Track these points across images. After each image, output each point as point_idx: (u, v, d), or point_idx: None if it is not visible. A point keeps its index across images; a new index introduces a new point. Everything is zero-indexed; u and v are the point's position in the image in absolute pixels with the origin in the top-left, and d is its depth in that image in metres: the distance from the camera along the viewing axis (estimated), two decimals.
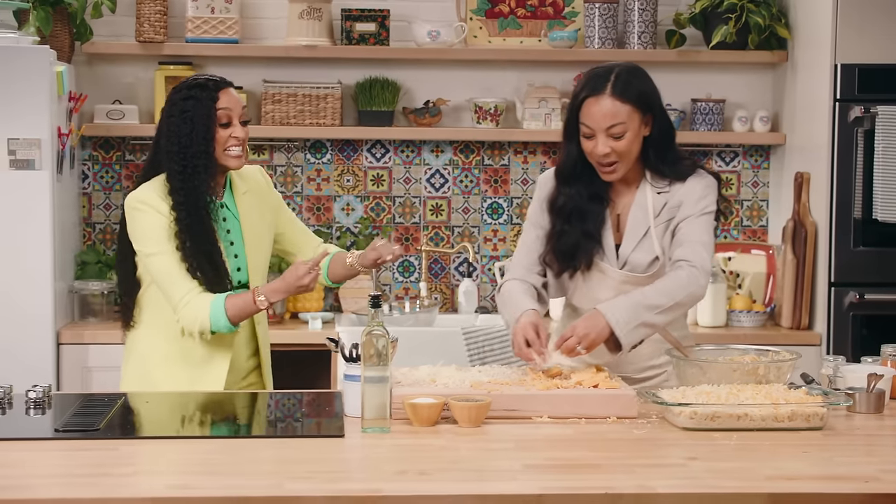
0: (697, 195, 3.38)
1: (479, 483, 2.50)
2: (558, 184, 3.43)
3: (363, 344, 2.93)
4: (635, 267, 3.38)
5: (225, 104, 3.45)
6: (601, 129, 3.29)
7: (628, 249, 3.39)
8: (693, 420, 2.94)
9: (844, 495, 2.45)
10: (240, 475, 2.54)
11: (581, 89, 3.34)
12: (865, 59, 4.66)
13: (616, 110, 3.28)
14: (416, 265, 5.27)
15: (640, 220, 3.39)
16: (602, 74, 3.33)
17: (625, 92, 3.30)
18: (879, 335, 4.58)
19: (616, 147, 3.30)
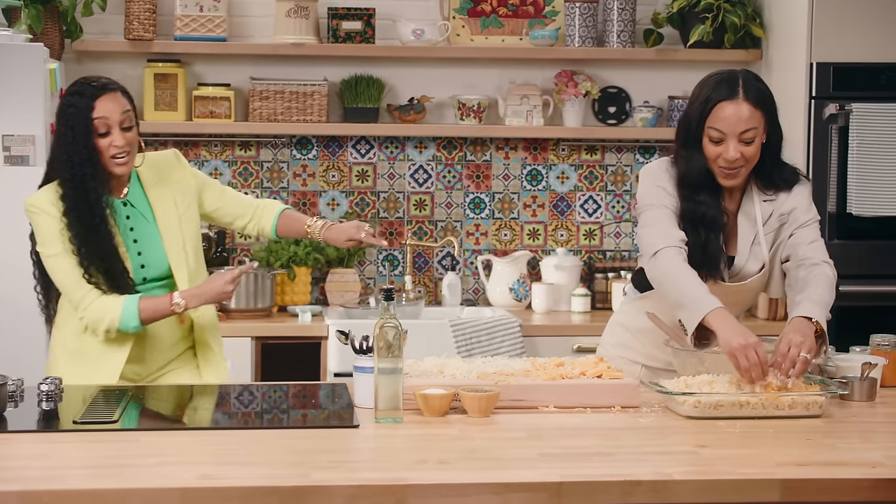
0: (807, 202, 3.39)
1: (499, 471, 2.52)
2: (685, 192, 3.32)
3: (376, 336, 2.94)
4: (745, 276, 3.36)
5: (100, 113, 3.34)
6: (734, 134, 3.23)
7: (742, 260, 3.35)
8: (697, 409, 2.97)
9: (854, 480, 2.49)
10: (266, 465, 2.55)
11: (710, 94, 3.26)
12: (840, 57, 4.71)
13: (751, 115, 3.23)
14: (401, 259, 5.27)
15: (749, 228, 3.36)
16: (729, 79, 3.27)
17: (758, 97, 3.26)
18: (855, 326, 4.65)
19: (745, 152, 3.25)
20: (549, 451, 2.68)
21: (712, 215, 3.31)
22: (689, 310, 3.15)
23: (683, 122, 3.33)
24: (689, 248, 3.28)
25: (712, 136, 3.25)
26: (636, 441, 2.79)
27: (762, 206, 3.37)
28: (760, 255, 3.37)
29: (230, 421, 3.06)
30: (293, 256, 5.01)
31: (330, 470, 2.51)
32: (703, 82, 3.33)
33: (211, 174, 5.15)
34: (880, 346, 3.42)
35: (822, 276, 3.29)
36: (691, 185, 3.31)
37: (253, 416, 3.12)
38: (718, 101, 3.24)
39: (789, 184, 3.38)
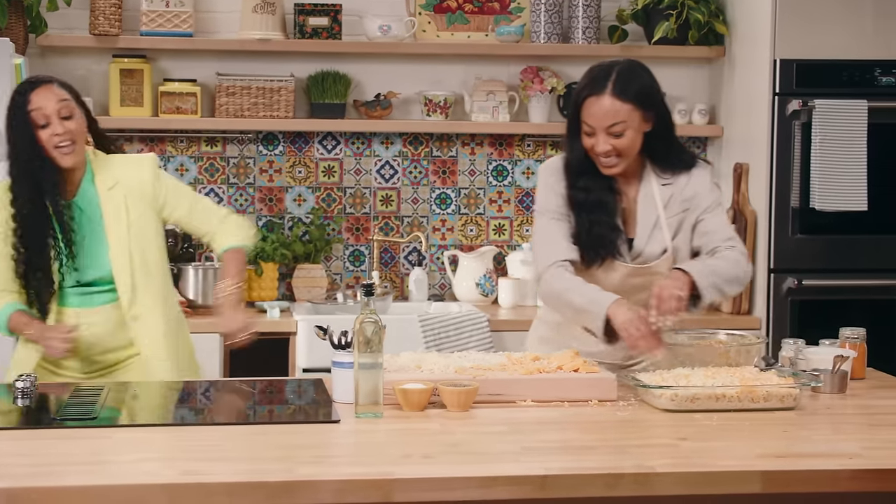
0: (709, 186, 3.44)
1: (483, 465, 2.52)
2: (570, 179, 3.40)
3: (356, 331, 2.94)
4: (647, 258, 3.40)
5: (35, 105, 3.35)
6: (601, 128, 3.28)
7: (642, 242, 3.39)
8: (674, 402, 2.99)
9: (833, 472, 2.52)
10: (250, 460, 2.54)
11: (582, 88, 3.32)
12: (803, 54, 4.76)
13: (616, 109, 3.27)
14: (367, 254, 5.27)
15: (650, 211, 3.40)
16: (603, 73, 3.31)
17: (625, 91, 3.29)
18: (817, 319, 4.72)
19: (616, 144, 3.30)
20: (531, 444, 2.69)
21: (594, 199, 3.37)
22: (589, 312, 3.23)
23: (568, 113, 3.41)
24: (578, 232, 3.36)
25: (584, 129, 3.33)
26: (616, 434, 2.81)
27: (661, 189, 3.41)
28: (662, 239, 3.41)
29: (209, 417, 3.04)
30: (260, 252, 4.99)
31: (315, 465, 2.51)
32: (584, 74, 3.39)
33: (177, 170, 5.13)
34: (849, 339, 3.46)
35: (723, 256, 3.36)
36: (575, 172, 3.39)
37: (234, 412, 3.11)
38: (587, 96, 3.30)
39: (686, 166, 3.43)
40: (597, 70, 3.35)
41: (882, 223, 4.81)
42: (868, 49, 4.76)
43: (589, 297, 3.25)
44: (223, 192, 5.16)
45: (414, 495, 2.41)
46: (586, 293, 3.27)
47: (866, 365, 3.48)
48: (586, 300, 3.25)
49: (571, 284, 3.30)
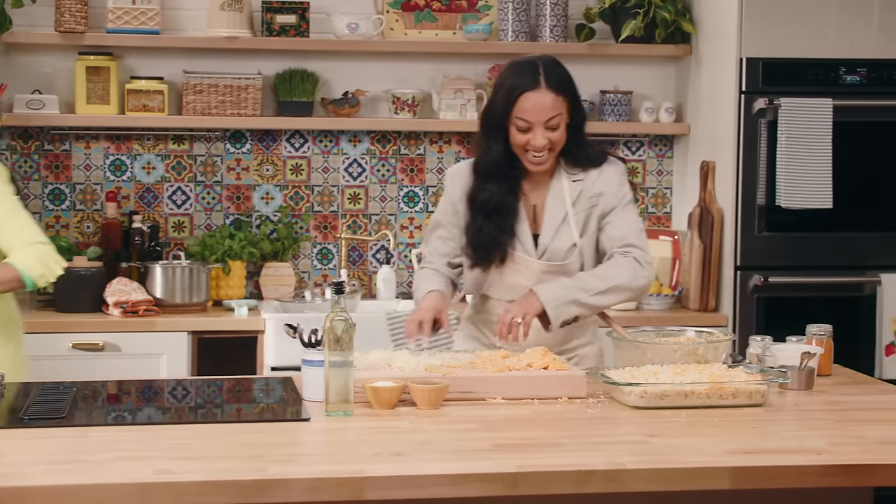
0: (617, 183, 3.46)
1: (455, 463, 2.53)
2: (479, 179, 3.43)
3: (326, 330, 2.94)
4: (554, 255, 3.43)
5: None
6: (540, 122, 3.32)
7: (547, 238, 3.45)
8: (643, 399, 3.01)
9: (801, 467, 2.54)
10: (222, 459, 2.54)
11: (513, 84, 3.34)
12: (769, 53, 4.79)
13: (554, 103, 3.34)
14: (335, 252, 5.26)
15: (558, 208, 3.45)
16: (530, 67, 3.36)
17: (559, 83, 3.36)
18: (783, 316, 4.75)
19: (552, 137, 3.36)
20: (502, 441, 2.70)
21: (497, 202, 3.41)
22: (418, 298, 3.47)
23: (489, 111, 3.41)
24: (478, 233, 3.43)
25: (519, 125, 3.34)
26: (586, 431, 2.82)
27: (571, 186, 3.45)
28: (569, 235, 3.44)
29: (177, 416, 3.03)
30: (228, 251, 4.98)
31: (287, 463, 2.52)
32: (505, 72, 3.41)
33: (143, 168, 5.11)
34: (816, 335, 3.49)
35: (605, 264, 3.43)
36: (487, 174, 3.42)
37: (199, 411, 3.10)
38: (523, 91, 3.32)
39: (596, 162, 3.47)
40: (520, 66, 3.36)
41: (847, 221, 4.85)
42: (833, 48, 4.79)
43: (420, 292, 3.47)
44: (190, 191, 5.15)
45: (385, 493, 2.42)
46: (420, 289, 3.49)
47: (832, 361, 3.52)
48: (419, 294, 3.47)
49: (418, 283, 3.51)
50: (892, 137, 4.87)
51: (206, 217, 5.17)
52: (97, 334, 4.53)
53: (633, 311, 4.97)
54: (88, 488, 2.34)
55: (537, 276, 3.44)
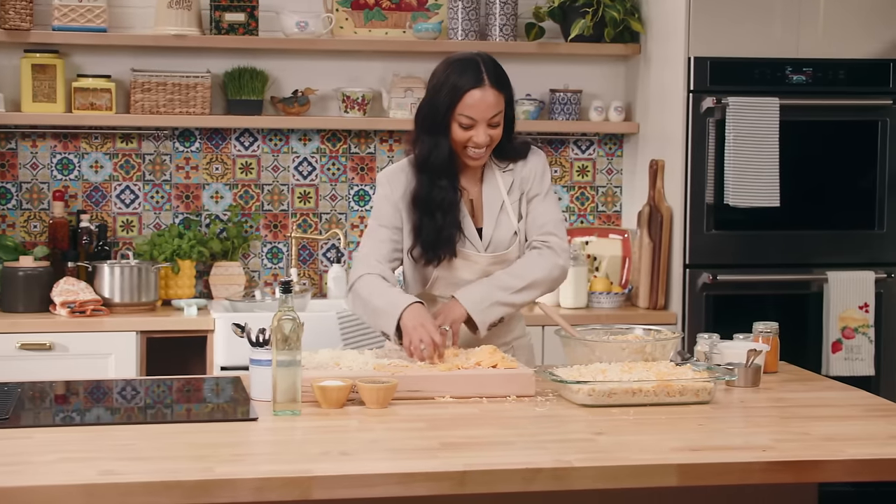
0: (540, 172, 3.53)
1: (402, 462, 2.54)
2: (426, 177, 3.42)
3: (274, 329, 2.93)
4: (498, 245, 3.46)
5: None
6: (484, 120, 3.34)
7: (490, 228, 3.47)
8: (591, 397, 3.03)
9: (746, 464, 2.57)
10: (168, 459, 2.53)
11: (458, 81, 3.34)
12: (716, 52, 4.82)
13: (497, 100, 3.36)
14: (285, 252, 5.25)
15: (494, 197, 3.49)
16: (471, 65, 3.37)
17: (499, 81, 3.39)
18: (731, 314, 4.79)
19: (492, 134, 3.39)
20: (449, 440, 2.71)
21: (449, 199, 3.42)
22: (386, 314, 3.28)
23: (429, 108, 3.41)
24: (423, 232, 3.41)
25: (462, 122, 3.35)
26: (534, 429, 2.83)
27: (503, 176, 3.50)
28: (509, 223, 3.49)
29: (126, 416, 3.02)
30: (177, 250, 4.95)
31: (233, 463, 2.51)
32: (445, 69, 3.42)
33: (91, 167, 5.07)
34: (762, 333, 3.52)
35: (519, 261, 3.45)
36: (433, 171, 3.41)
37: (148, 411, 3.08)
38: (468, 88, 3.34)
39: (522, 154, 3.52)
40: (461, 63, 3.38)
41: (794, 219, 4.90)
42: (779, 47, 4.83)
43: (389, 300, 3.31)
44: (139, 190, 5.12)
45: (332, 492, 2.42)
46: (389, 295, 3.32)
47: (779, 358, 3.55)
48: (386, 302, 3.31)
49: (378, 289, 3.36)
50: (838, 136, 4.92)
51: (155, 216, 5.14)
52: (44, 334, 4.50)
53: (584, 310, 4.99)
54: (33, 490, 2.32)
55: (483, 270, 3.46)
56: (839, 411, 3.05)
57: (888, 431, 2.81)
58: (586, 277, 5.06)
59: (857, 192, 4.96)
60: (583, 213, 5.42)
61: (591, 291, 5.06)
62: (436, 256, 3.44)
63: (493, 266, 3.46)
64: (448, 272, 3.46)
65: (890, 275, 4.95)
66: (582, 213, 5.42)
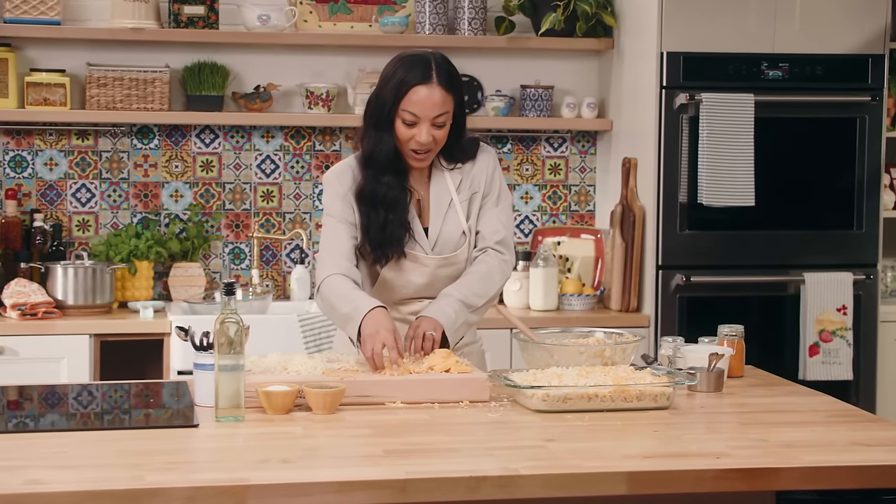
0: (490, 172, 3.50)
1: (343, 469, 2.51)
2: (370, 173, 3.40)
3: (216, 332, 2.91)
4: (445, 244, 3.44)
5: None
6: (427, 118, 3.31)
7: (437, 227, 3.45)
8: (546, 402, 3.00)
9: (698, 471, 2.55)
10: (99, 468, 2.50)
11: (405, 76, 3.32)
12: (690, 47, 4.80)
13: (444, 100, 3.33)
14: (248, 252, 5.23)
15: (442, 196, 3.46)
16: (421, 62, 3.34)
17: (449, 81, 3.35)
18: (705, 316, 4.77)
19: (436, 135, 3.35)
20: (394, 447, 2.69)
21: (394, 196, 3.39)
22: (351, 320, 3.25)
23: (375, 102, 3.39)
24: (369, 229, 3.38)
25: (406, 118, 3.32)
26: (483, 436, 2.81)
27: (451, 174, 3.48)
28: (457, 221, 3.46)
29: (64, 422, 2.99)
30: (134, 250, 4.92)
31: (166, 472, 2.48)
32: (395, 63, 3.39)
33: (46, 165, 5.04)
34: (727, 336, 3.50)
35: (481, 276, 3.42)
36: (378, 167, 3.38)
37: (90, 417, 3.06)
38: (413, 84, 3.31)
39: (470, 154, 3.49)
40: (411, 59, 3.35)
41: (769, 219, 4.88)
42: (755, 42, 4.82)
43: (354, 305, 3.27)
44: (95, 188, 5.09)
45: (268, 501, 2.39)
46: (353, 300, 3.28)
47: (744, 362, 3.54)
48: (351, 307, 3.27)
49: (343, 292, 3.32)
50: (815, 133, 4.91)
51: (113, 216, 5.12)
52: None
53: (554, 312, 4.98)
54: None
55: (432, 273, 3.44)
56: (801, 417, 3.03)
57: (849, 438, 2.80)
58: (557, 279, 5.04)
59: (835, 191, 4.94)
60: (555, 213, 5.40)
61: (561, 293, 5.04)
62: (383, 255, 3.41)
63: (441, 269, 3.44)
64: (396, 273, 3.42)
65: (869, 276, 4.93)
66: (554, 212, 5.40)
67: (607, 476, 2.51)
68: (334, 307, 3.33)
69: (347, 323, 3.28)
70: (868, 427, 2.92)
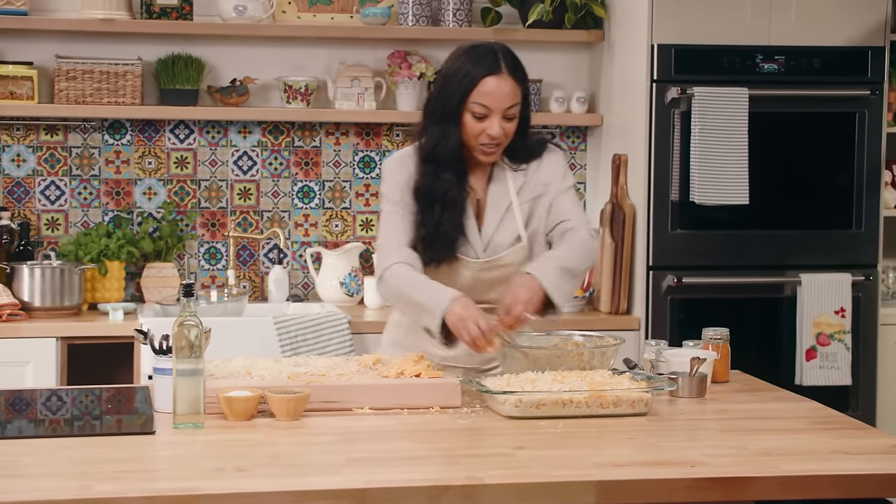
0: (562, 171, 3.49)
1: (300, 478, 2.51)
2: (430, 168, 3.37)
3: (175, 335, 2.90)
4: (497, 249, 3.41)
5: None
6: (499, 110, 3.30)
7: (490, 230, 3.42)
8: (518, 408, 3.00)
9: (671, 481, 2.54)
10: (47, 477, 2.49)
11: (473, 68, 3.30)
12: (681, 39, 4.79)
13: (514, 90, 3.32)
14: (224, 252, 5.22)
15: (501, 198, 3.44)
16: (489, 53, 3.33)
17: (517, 71, 3.35)
18: (697, 318, 4.74)
19: (507, 128, 3.34)
20: (357, 455, 2.68)
21: (453, 195, 3.37)
22: (429, 311, 3.23)
23: (439, 96, 3.37)
24: (427, 228, 3.36)
25: (476, 111, 3.31)
26: (451, 443, 2.81)
27: (514, 175, 3.45)
28: (514, 226, 3.44)
29: (15, 430, 2.98)
30: (104, 250, 4.92)
31: (116, 481, 2.47)
32: (459, 56, 3.38)
33: (13, 161, 5.04)
34: (712, 339, 3.50)
35: (572, 240, 3.40)
36: (439, 163, 3.36)
37: (45, 424, 3.05)
38: (483, 75, 3.30)
39: (537, 154, 3.48)
40: (475, 50, 3.34)
41: (764, 218, 4.87)
42: (749, 34, 4.81)
43: (430, 294, 3.26)
44: (65, 185, 5.08)
45: None
46: (428, 289, 3.27)
47: (730, 367, 3.52)
48: (427, 297, 3.25)
49: (414, 281, 3.30)
50: (812, 129, 4.90)
51: (83, 214, 5.11)
52: None
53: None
54: None
55: (473, 276, 3.41)
56: (784, 424, 3.02)
57: (831, 446, 2.79)
58: None
59: (833, 189, 4.93)
60: None
61: None
62: (434, 257, 3.38)
63: (485, 272, 3.42)
64: (439, 274, 3.38)
65: (868, 277, 4.92)
66: None
67: (575, 485, 2.50)
68: (406, 296, 3.31)
69: (424, 314, 3.26)
70: (853, 435, 2.91)
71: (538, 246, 3.49)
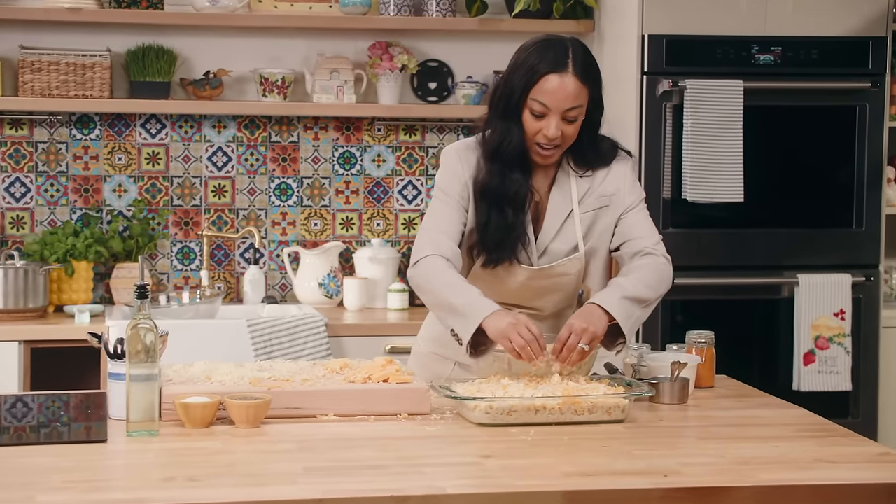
0: (631, 181, 3.44)
1: (254, 489, 2.49)
2: (496, 167, 3.32)
3: (129, 339, 2.89)
4: (553, 257, 3.37)
5: None
6: (558, 111, 3.25)
7: (548, 238, 3.37)
8: (489, 415, 2.98)
9: (642, 491, 2.52)
10: None
11: (537, 62, 3.26)
12: (673, 29, 4.78)
13: (578, 92, 3.26)
14: (197, 252, 5.21)
15: (563, 204, 3.38)
16: (557, 48, 3.28)
17: (585, 71, 3.28)
18: (690, 321, 4.73)
19: (566, 131, 3.28)
20: (316, 464, 2.66)
21: (523, 195, 3.33)
22: (465, 317, 3.16)
23: (504, 89, 3.33)
24: (490, 228, 3.31)
25: (534, 108, 3.26)
26: (416, 452, 2.79)
27: (578, 182, 3.40)
28: (573, 235, 3.39)
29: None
30: (71, 249, 4.91)
31: (60, 492, 2.46)
32: (529, 48, 3.33)
33: None
34: (696, 343, 3.48)
35: (645, 266, 3.35)
36: (506, 161, 3.31)
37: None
38: (546, 72, 3.25)
39: (606, 161, 3.43)
40: (546, 44, 3.29)
41: (760, 216, 4.86)
42: (744, 24, 4.79)
43: (468, 300, 3.17)
44: (31, 182, 5.08)
45: None
46: (467, 294, 3.19)
47: (714, 372, 3.51)
48: (464, 301, 3.17)
49: (452, 281, 3.23)
50: (810, 123, 4.88)
51: (50, 212, 5.10)
52: None
53: None
54: None
55: (522, 283, 3.37)
56: (767, 431, 3.01)
57: (814, 454, 2.77)
58: None
59: (833, 186, 4.92)
60: None
61: None
62: (496, 259, 3.34)
63: (532, 280, 3.36)
64: (487, 280, 3.34)
65: (869, 278, 4.91)
66: None
67: (541, 496, 2.48)
68: (440, 293, 3.24)
69: (457, 318, 3.18)
70: (838, 442, 2.89)
71: (597, 259, 3.44)
